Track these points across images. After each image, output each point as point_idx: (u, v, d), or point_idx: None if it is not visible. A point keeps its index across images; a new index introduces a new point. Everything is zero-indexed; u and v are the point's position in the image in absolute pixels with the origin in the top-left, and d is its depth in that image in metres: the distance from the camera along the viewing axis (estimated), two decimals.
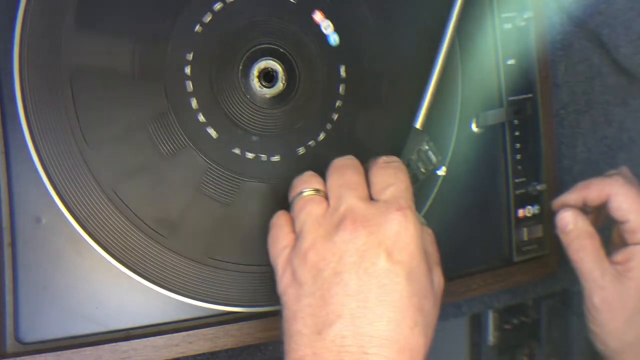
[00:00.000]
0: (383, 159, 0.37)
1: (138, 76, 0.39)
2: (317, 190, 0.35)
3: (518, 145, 0.50)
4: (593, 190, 0.43)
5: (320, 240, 0.33)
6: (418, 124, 0.42)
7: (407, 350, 0.31)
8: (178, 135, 0.40)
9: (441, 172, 0.43)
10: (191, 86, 0.40)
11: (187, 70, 0.40)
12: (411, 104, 0.45)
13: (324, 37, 0.43)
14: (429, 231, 0.38)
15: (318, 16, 0.41)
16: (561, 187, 0.55)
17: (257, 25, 0.42)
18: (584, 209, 0.45)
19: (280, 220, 0.37)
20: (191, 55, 0.40)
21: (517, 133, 0.49)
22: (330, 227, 0.33)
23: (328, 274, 0.32)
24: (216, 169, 0.41)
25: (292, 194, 0.36)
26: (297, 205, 0.35)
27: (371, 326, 0.31)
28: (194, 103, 0.40)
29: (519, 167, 0.50)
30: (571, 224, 0.43)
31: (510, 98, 0.49)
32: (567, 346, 0.61)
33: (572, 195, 0.45)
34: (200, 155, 0.41)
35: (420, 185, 0.42)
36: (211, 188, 0.41)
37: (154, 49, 0.39)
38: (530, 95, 0.50)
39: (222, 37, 0.41)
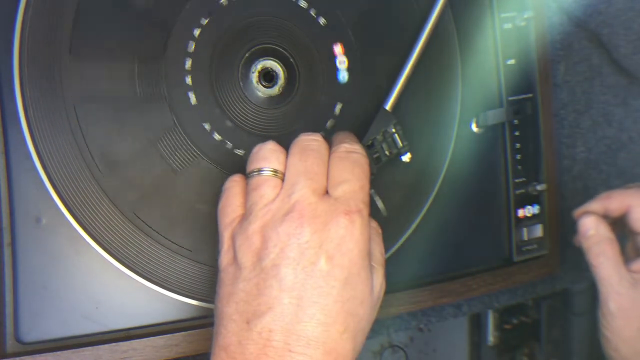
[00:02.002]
0: (345, 147, 0.35)
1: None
2: (275, 171, 0.34)
3: (518, 145, 0.50)
4: (614, 201, 0.45)
5: (265, 227, 0.33)
6: (388, 106, 0.42)
7: (333, 354, 0.31)
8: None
9: (406, 158, 0.42)
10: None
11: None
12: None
13: (331, 60, 0.43)
14: (378, 230, 0.37)
15: (338, 49, 0.41)
16: (561, 187, 0.55)
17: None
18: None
19: (233, 189, 0.36)
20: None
21: (517, 133, 0.49)
22: (277, 215, 0.33)
23: (266, 264, 0.32)
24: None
25: (250, 167, 0.35)
26: (252, 183, 0.35)
27: (300, 325, 0.31)
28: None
29: (519, 167, 0.50)
30: (592, 229, 0.44)
31: (510, 98, 0.49)
32: (567, 346, 0.61)
33: (594, 205, 0.46)
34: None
35: (381, 167, 0.42)
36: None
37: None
38: (530, 95, 0.50)
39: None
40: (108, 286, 0.40)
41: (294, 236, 0.32)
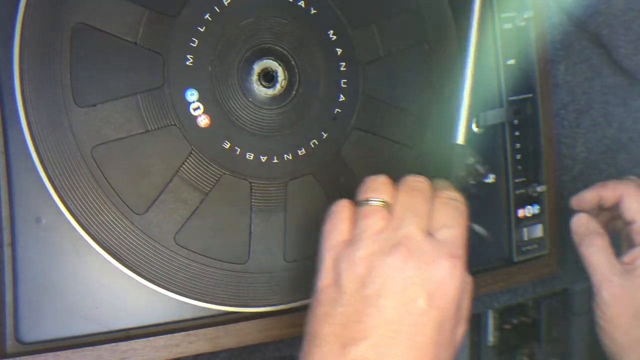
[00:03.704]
0: (447, 194, 0.37)
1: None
2: (384, 203, 0.35)
3: (518, 145, 0.50)
4: (608, 190, 0.47)
5: (372, 256, 0.33)
6: (460, 140, 0.42)
7: None
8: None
9: (490, 180, 0.43)
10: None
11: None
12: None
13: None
14: (471, 285, 0.37)
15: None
16: (561, 187, 0.55)
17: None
18: (597, 210, 0.48)
19: (342, 213, 0.36)
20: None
21: (517, 133, 0.49)
22: (385, 247, 0.34)
23: (369, 293, 0.33)
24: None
25: (361, 196, 0.36)
26: (362, 210, 0.35)
27: (391, 358, 0.32)
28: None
29: (519, 167, 0.50)
30: (583, 225, 0.46)
31: (510, 98, 0.49)
32: (567, 346, 0.61)
33: (589, 193, 0.48)
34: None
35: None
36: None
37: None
38: (530, 95, 0.50)
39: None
40: (108, 286, 0.40)
41: (399, 269, 0.33)
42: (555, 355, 0.61)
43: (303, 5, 0.42)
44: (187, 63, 0.40)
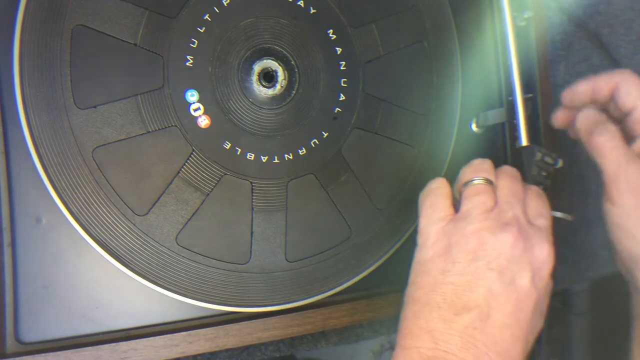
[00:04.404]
0: (536, 188, 0.39)
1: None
2: (488, 181, 0.37)
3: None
4: (602, 79, 0.42)
5: (483, 231, 0.35)
6: (524, 142, 0.44)
7: None
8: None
9: (559, 164, 0.44)
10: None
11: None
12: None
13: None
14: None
15: None
16: (561, 188, 0.55)
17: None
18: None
19: (443, 189, 0.38)
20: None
21: (517, 133, 0.49)
22: (496, 225, 0.35)
23: (481, 265, 0.34)
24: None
25: (471, 174, 0.38)
26: (470, 190, 0.37)
27: (496, 330, 0.33)
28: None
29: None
30: (591, 117, 0.41)
31: (510, 98, 0.49)
32: (567, 346, 0.61)
33: (582, 85, 0.43)
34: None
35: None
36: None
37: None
38: (530, 95, 0.50)
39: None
40: (108, 286, 0.40)
41: (509, 247, 0.35)
42: (556, 355, 0.61)
43: (302, 4, 0.42)
44: (187, 64, 0.40)
